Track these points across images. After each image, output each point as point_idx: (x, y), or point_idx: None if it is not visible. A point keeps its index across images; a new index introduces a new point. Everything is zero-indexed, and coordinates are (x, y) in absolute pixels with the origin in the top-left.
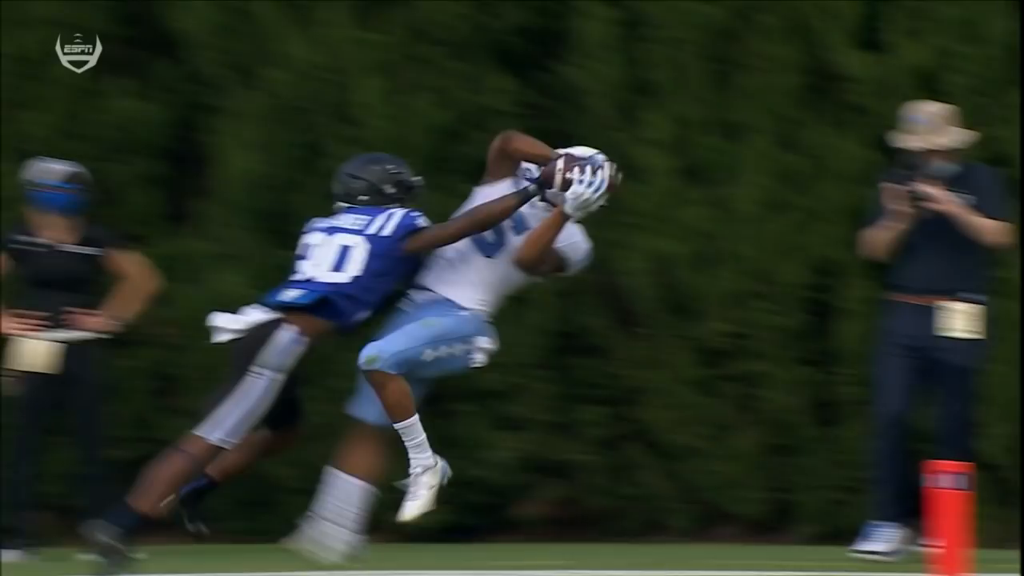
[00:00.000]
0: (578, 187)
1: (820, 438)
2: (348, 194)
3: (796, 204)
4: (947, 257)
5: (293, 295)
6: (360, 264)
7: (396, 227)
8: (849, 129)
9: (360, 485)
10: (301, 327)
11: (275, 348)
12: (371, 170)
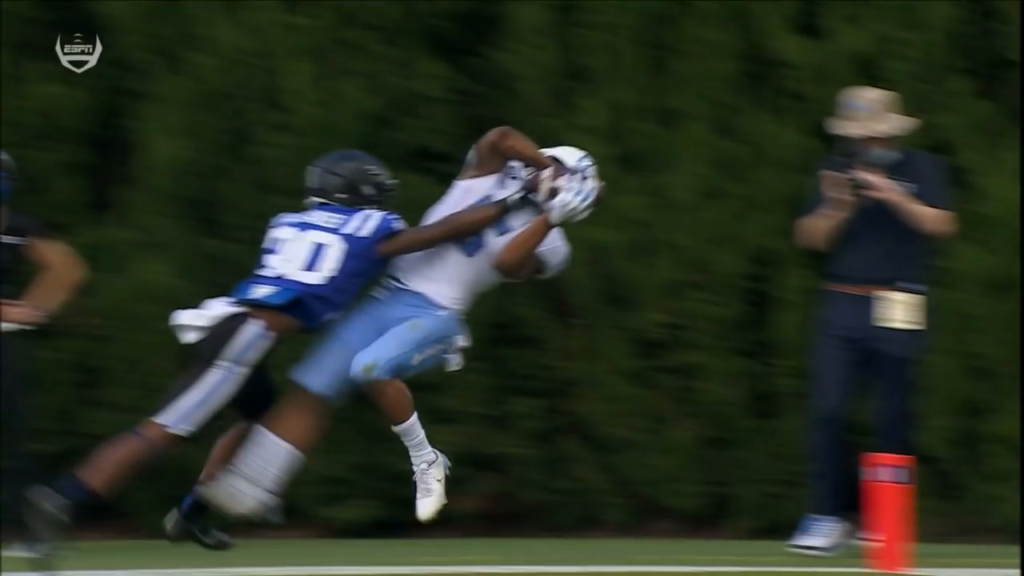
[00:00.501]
0: (565, 196)
1: (757, 431)
2: (323, 190)
3: (733, 192)
4: (886, 246)
5: (264, 293)
6: (335, 264)
7: (375, 229)
8: (787, 116)
9: (287, 448)
10: (268, 322)
11: (241, 342)
12: (348, 167)
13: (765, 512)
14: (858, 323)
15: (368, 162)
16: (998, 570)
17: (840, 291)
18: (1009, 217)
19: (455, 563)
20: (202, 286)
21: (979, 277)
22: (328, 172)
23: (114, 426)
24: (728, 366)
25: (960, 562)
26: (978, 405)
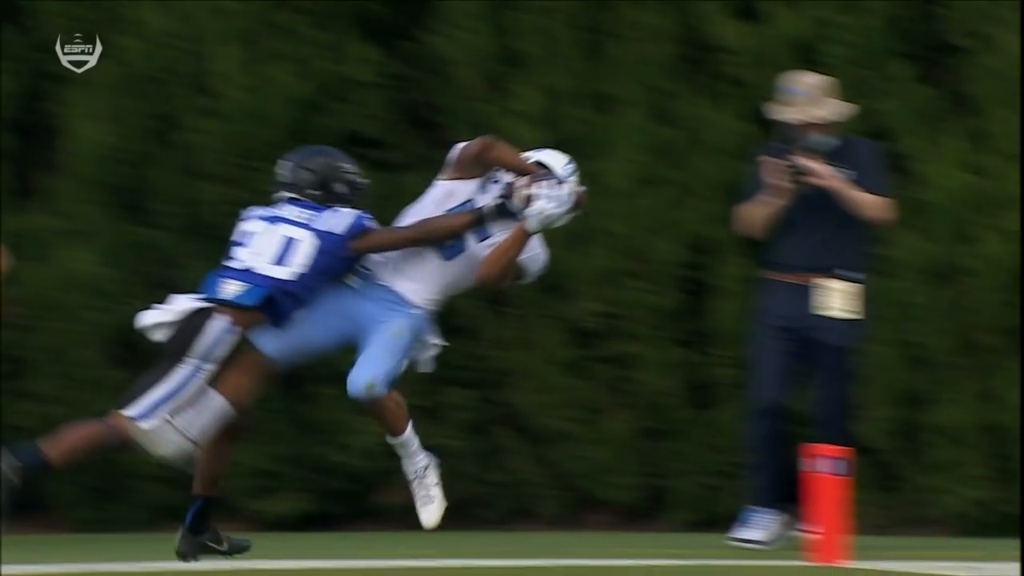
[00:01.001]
0: (541, 203)
1: (694, 422)
2: (295, 185)
3: (670, 179)
4: (824, 234)
5: (234, 292)
6: (306, 260)
7: (347, 227)
8: (725, 101)
9: (221, 403)
10: (235, 319)
11: (208, 339)
12: (320, 163)
13: (702, 504)
14: (796, 312)
15: (341, 159)
16: (938, 562)
17: (778, 280)
18: (949, 204)
19: (386, 557)
20: (128, 274)
21: (919, 265)
22: (300, 167)
23: (37, 417)
24: (665, 356)
25: (900, 554)
26: (918, 395)
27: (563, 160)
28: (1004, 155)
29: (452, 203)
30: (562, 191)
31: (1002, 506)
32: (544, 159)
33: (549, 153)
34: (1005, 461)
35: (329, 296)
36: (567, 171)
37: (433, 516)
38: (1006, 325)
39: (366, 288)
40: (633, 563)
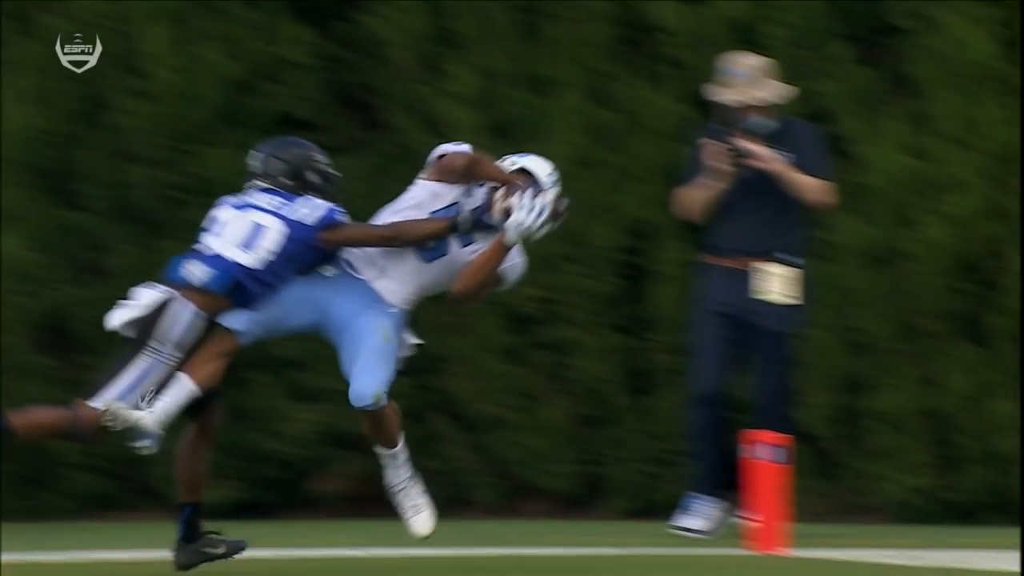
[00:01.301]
0: (519, 215)
1: (633, 408)
2: (267, 174)
3: (608, 162)
4: (763, 218)
5: (201, 276)
6: (274, 247)
7: (318, 218)
8: (664, 83)
9: (189, 385)
10: (201, 304)
11: (175, 325)
12: (293, 153)
13: (640, 492)
14: (735, 297)
15: (313, 150)
16: (878, 550)
17: (717, 264)
18: (890, 188)
19: (319, 546)
20: (55, 258)
21: (859, 249)
22: (273, 157)
23: None
24: (603, 342)
25: (839, 542)
26: (858, 381)
27: (547, 168)
28: (946, 138)
29: (438, 205)
30: (540, 202)
31: (943, 493)
32: (528, 166)
33: (534, 160)
34: (946, 448)
35: (305, 284)
36: (551, 180)
37: (426, 525)
38: (947, 310)
39: (343, 282)
40: (570, 552)
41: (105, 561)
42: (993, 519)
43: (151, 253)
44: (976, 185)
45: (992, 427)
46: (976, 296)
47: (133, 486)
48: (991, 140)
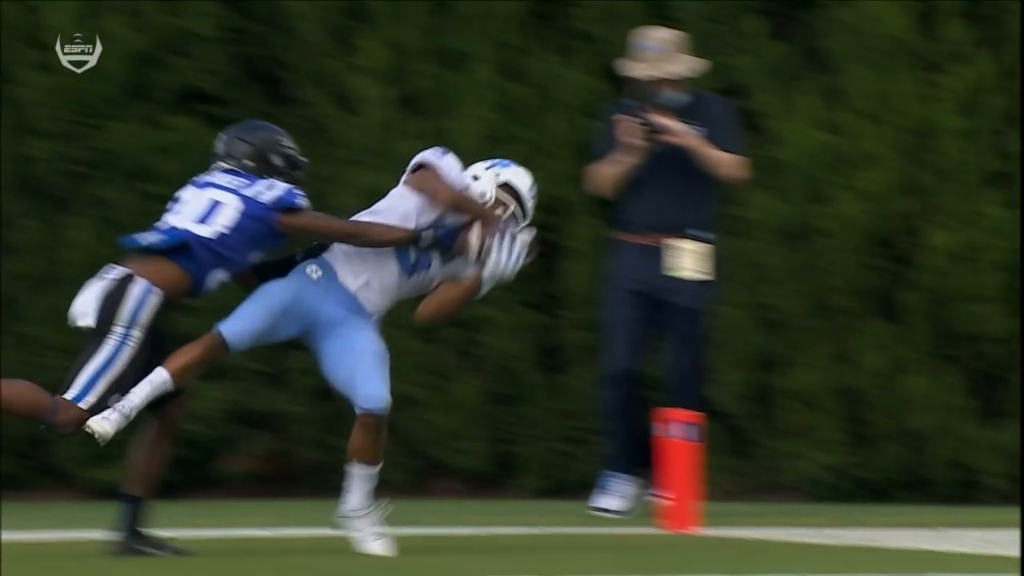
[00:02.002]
0: (497, 256)
1: (545, 386)
2: (231, 155)
3: (520, 137)
4: (676, 194)
5: (150, 239)
6: (229, 221)
7: (276, 199)
8: (575, 57)
9: (164, 377)
10: (153, 277)
11: (130, 303)
12: (259, 136)
13: (552, 470)
14: (648, 274)
15: (280, 134)
16: (791, 528)
17: (629, 241)
18: (803, 163)
19: (227, 526)
20: None
21: (773, 226)
22: (237, 139)
23: None
24: (515, 319)
25: (752, 521)
26: (772, 358)
27: (528, 181)
28: (859, 113)
29: (425, 220)
30: (517, 245)
31: (856, 471)
32: (512, 180)
33: (516, 172)
34: (859, 425)
35: (294, 293)
36: (531, 194)
37: (388, 550)
38: (861, 287)
39: (330, 289)
40: (482, 531)
41: (9, 542)
42: (906, 497)
43: (55, 228)
44: (889, 160)
45: (905, 404)
46: (889, 273)
47: (36, 465)
48: (904, 115)
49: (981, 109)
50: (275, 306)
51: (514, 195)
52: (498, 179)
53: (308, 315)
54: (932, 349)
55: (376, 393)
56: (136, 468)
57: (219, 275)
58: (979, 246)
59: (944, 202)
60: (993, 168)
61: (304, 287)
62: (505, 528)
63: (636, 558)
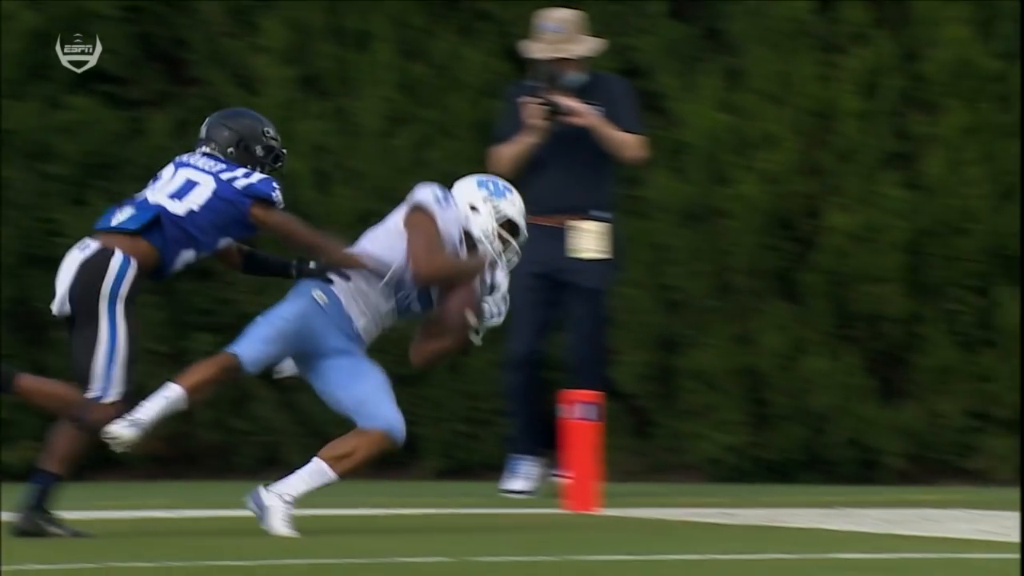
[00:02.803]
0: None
1: (447, 367)
2: (212, 140)
3: (421, 117)
4: (577, 174)
5: (122, 217)
6: (202, 200)
7: (250, 186)
8: (477, 38)
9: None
10: (128, 250)
11: (110, 276)
12: (243, 123)
13: (455, 451)
14: (549, 255)
15: (265, 124)
16: (691, 508)
17: (531, 223)
18: (705, 144)
19: (126, 507)
20: None
21: (675, 206)
22: (220, 124)
23: None
24: None
25: (652, 501)
26: (673, 339)
27: (521, 206)
28: (760, 94)
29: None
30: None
31: (756, 451)
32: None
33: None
34: (760, 406)
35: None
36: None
37: (292, 531)
38: (762, 268)
39: (335, 316)
40: (383, 512)
41: None
42: (806, 477)
43: None
44: (790, 142)
45: (805, 384)
46: (790, 253)
47: None
48: (805, 96)
49: (880, 90)
50: (287, 330)
51: (513, 230)
52: (499, 215)
53: (312, 339)
54: (832, 329)
55: (397, 422)
56: (58, 448)
57: (187, 255)
58: (878, 227)
59: (844, 183)
60: (892, 149)
61: (312, 312)
62: (408, 509)
63: (538, 538)
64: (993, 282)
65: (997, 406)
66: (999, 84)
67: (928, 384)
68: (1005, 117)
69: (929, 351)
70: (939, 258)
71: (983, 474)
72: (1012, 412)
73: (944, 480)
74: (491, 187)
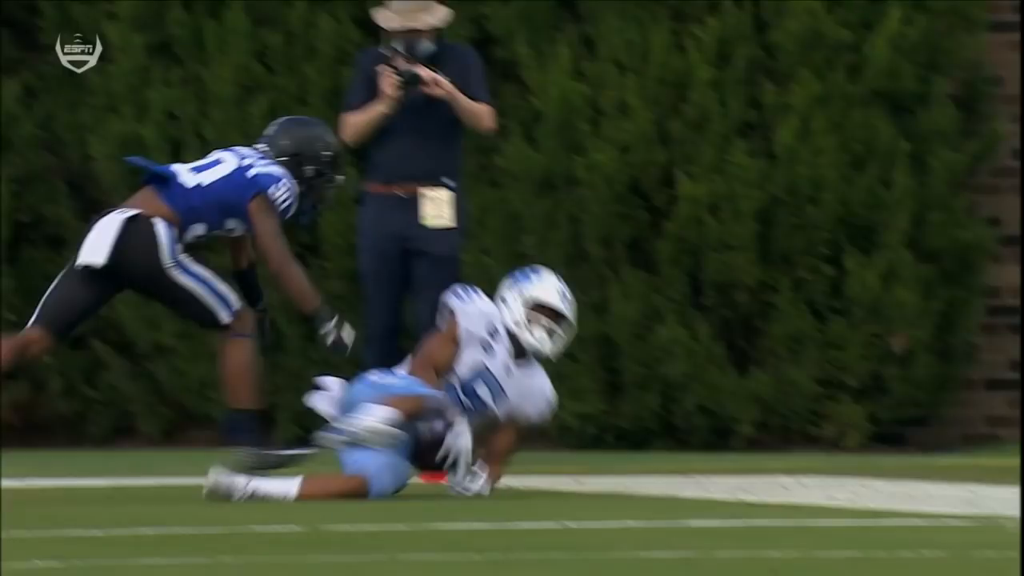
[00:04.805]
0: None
1: (303, 336)
2: (270, 141)
3: (275, 85)
4: (427, 143)
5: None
6: (212, 178)
7: (260, 176)
8: (331, 6)
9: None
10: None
11: (163, 247)
12: (305, 135)
13: (307, 420)
14: (399, 224)
15: (326, 141)
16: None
17: (381, 191)
18: (559, 113)
19: None
20: None
21: (528, 175)
22: (284, 131)
23: None
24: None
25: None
26: None
27: (556, 285)
28: (614, 63)
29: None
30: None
31: (609, 419)
32: (537, 295)
33: (539, 283)
34: (614, 374)
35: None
36: (564, 296)
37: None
38: (616, 236)
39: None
40: None
41: None
42: (659, 444)
43: None
44: (643, 111)
45: (659, 353)
46: (644, 222)
47: None
48: (658, 66)
49: (732, 60)
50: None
51: (548, 311)
52: (526, 299)
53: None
54: (685, 298)
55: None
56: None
57: (197, 228)
58: (731, 195)
59: (697, 152)
60: (744, 118)
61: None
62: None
63: (392, 507)
64: (843, 251)
65: (847, 374)
66: (849, 54)
67: (779, 352)
68: (854, 87)
69: (780, 319)
70: (790, 227)
71: (833, 441)
72: (861, 380)
73: (795, 447)
74: (516, 275)
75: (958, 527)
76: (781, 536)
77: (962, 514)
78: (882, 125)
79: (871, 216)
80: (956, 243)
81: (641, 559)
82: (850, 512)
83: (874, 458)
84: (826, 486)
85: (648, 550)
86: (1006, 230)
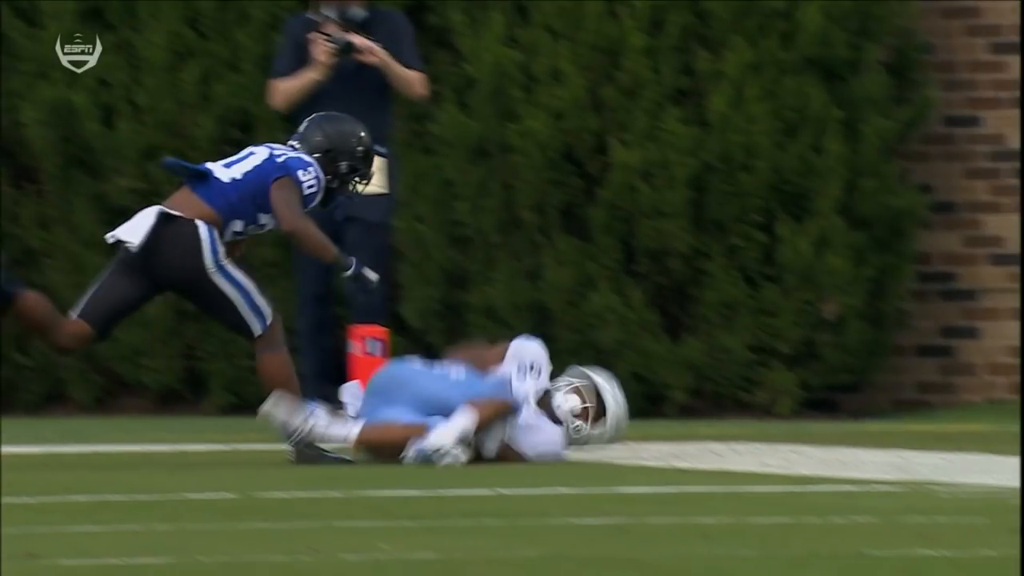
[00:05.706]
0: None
1: None
2: (304, 137)
3: (207, 51)
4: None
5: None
6: (245, 170)
7: (290, 160)
8: None
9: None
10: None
11: (206, 250)
12: (339, 131)
13: (242, 387)
14: None
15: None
16: None
17: None
18: (492, 80)
19: None
20: None
21: (462, 142)
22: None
23: None
24: None
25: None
26: (460, 275)
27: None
28: (549, 30)
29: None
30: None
31: None
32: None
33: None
34: (548, 341)
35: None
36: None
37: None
38: (549, 203)
39: None
40: (169, 448)
41: None
42: None
43: None
44: (577, 78)
45: (592, 320)
46: (577, 189)
47: None
48: (591, 32)
49: (666, 27)
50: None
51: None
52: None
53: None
54: (618, 265)
55: None
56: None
57: (235, 224)
58: (663, 162)
59: (630, 119)
60: (677, 85)
61: None
62: (194, 445)
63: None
64: (775, 218)
65: (780, 341)
66: (782, 21)
67: (712, 319)
68: (787, 54)
69: (713, 286)
70: (723, 194)
71: (766, 408)
72: (794, 347)
73: (727, 414)
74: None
75: (889, 492)
76: (714, 502)
77: (892, 480)
78: (814, 92)
79: (803, 183)
80: (888, 210)
81: (574, 525)
82: (782, 478)
83: (806, 424)
84: (758, 452)
85: (581, 516)
86: (937, 196)
